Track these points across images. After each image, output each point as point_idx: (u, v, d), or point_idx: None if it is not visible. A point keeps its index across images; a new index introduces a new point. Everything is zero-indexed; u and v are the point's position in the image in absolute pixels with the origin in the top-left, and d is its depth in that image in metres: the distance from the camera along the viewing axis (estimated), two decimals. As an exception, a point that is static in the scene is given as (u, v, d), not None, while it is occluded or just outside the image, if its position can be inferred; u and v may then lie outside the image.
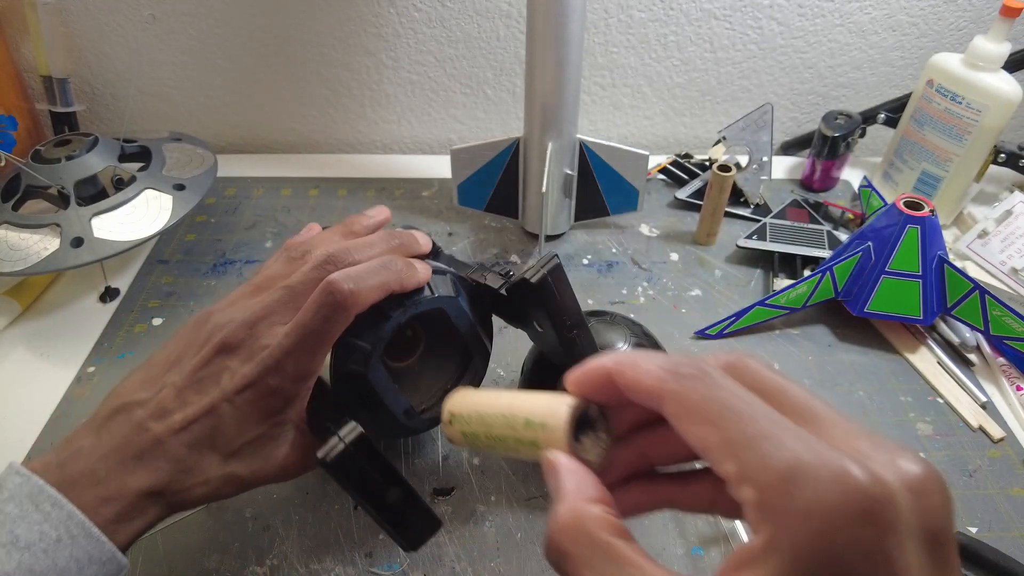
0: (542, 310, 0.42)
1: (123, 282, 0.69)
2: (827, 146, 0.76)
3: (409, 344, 0.49)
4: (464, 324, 0.46)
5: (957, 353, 0.61)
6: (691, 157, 0.85)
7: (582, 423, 0.27)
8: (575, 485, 0.24)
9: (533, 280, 0.41)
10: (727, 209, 0.76)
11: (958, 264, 0.68)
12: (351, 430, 0.36)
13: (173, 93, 0.86)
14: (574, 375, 0.26)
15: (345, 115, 0.89)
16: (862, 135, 0.78)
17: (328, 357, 0.41)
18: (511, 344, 0.61)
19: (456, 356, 0.48)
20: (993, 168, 0.72)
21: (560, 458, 0.25)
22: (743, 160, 0.78)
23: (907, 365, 0.60)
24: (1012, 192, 0.72)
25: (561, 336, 0.43)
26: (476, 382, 0.49)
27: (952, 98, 0.68)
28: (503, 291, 0.44)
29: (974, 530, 0.48)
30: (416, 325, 0.48)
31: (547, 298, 0.42)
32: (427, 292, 0.43)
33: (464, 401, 0.31)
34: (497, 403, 0.29)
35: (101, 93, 0.86)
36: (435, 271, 0.44)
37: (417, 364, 0.48)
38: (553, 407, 0.26)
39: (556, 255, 0.42)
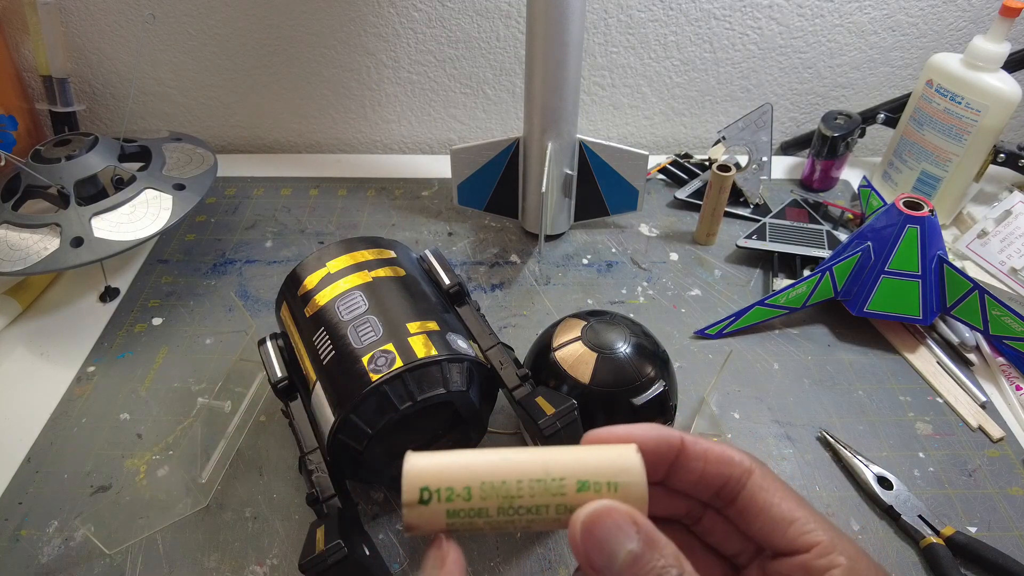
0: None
1: (123, 282, 0.69)
2: (826, 146, 0.76)
3: None
4: (469, 413, 0.45)
5: (956, 353, 0.61)
6: (691, 157, 0.85)
7: None
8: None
9: (546, 432, 0.41)
10: (727, 209, 0.76)
11: (957, 264, 0.68)
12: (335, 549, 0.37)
13: (173, 93, 0.86)
14: (638, 430, 0.24)
15: (345, 115, 0.89)
16: (861, 135, 0.78)
17: (331, 421, 0.42)
18: (511, 343, 0.61)
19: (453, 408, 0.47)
20: (992, 168, 0.72)
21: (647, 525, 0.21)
22: (743, 160, 0.78)
23: (906, 365, 0.60)
24: (1011, 192, 0.72)
25: None
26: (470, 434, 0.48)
27: (952, 98, 0.68)
28: (516, 398, 0.44)
29: (973, 529, 0.48)
30: None
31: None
32: (440, 387, 0.43)
33: (446, 469, 0.22)
34: (511, 465, 0.22)
35: (101, 93, 0.86)
36: (452, 358, 0.43)
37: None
38: (617, 462, 0.22)
39: (575, 407, 0.42)
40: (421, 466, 0.22)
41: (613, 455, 0.22)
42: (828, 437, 0.54)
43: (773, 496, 0.24)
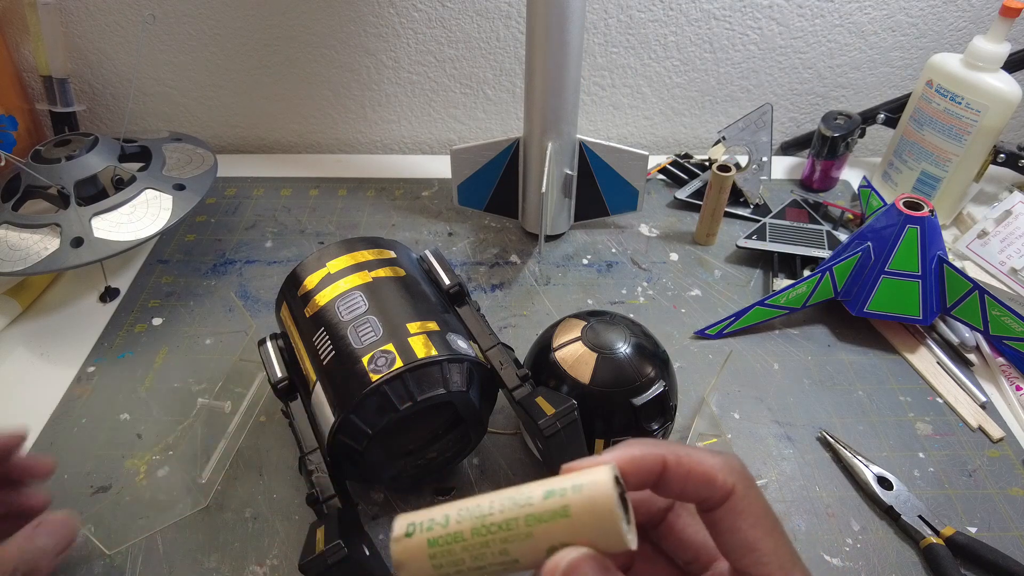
0: (546, 447, 0.43)
1: (123, 282, 0.69)
2: (826, 146, 0.76)
3: None
4: (469, 413, 0.45)
5: (956, 353, 0.61)
6: (691, 157, 0.85)
7: None
8: None
9: (546, 433, 0.41)
10: (727, 209, 0.76)
11: (957, 264, 0.68)
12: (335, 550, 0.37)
13: (173, 93, 0.86)
14: (617, 453, 0.25)
15: (345, 115, 0.89)
16: (861, 135, 0.78)
17: (331, 421, 0.42)
18: (511, 343, 0.61)
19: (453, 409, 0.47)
20: (992, 168, 0.72)
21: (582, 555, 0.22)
22: (743, 160, 0.78)
23: (906, 365, 0.60)
24: (1011, 192, 0.72)
25: (556, 468, 0.43)
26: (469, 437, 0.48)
27: (952, 98, 0.68)
28: (516, 399, 0.44)
29: (973, 530, 0.48)
30: None
31: (553, 447, 0.42)
32: (440, 387, 0.42)
33: (430, 509, 0.24)
34: (487, 495, 0.23)
35: (101, 93, 0.86)
36: (452, 358, 0.43)
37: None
38: (584, 473, 0.22)
39: (575, 407, 0.42)
40: (411, 512, 0.24)
41: (584, 470, 0.23)
42: (828, 437, 0.54)
43: (743, 521, 0.24)
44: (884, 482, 0.50)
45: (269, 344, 0.49)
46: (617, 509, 0.21)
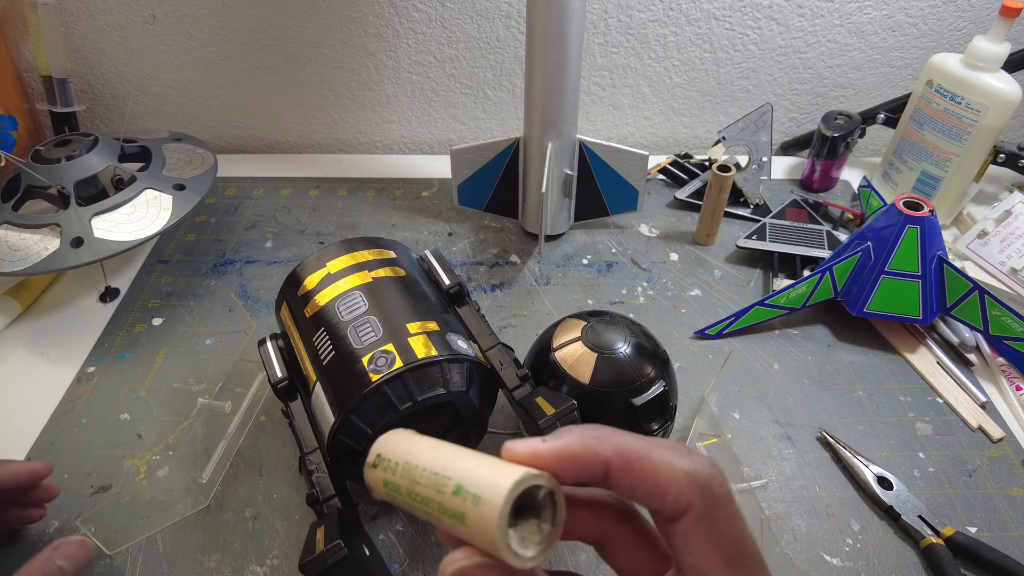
0: None
1: (123, 282, 0.69)
2: (826, 146, 0.76)
3: None
4: (469, 413, 0.45)
5: (956, 353, 0.61)
6: (691, 157, 0.85)
7: (525, 506, 0.22)
8: None
9: (545, 431, 0.41)
10: (727, 209, 0.76)
11: (957, 264, 0.68)
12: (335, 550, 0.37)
13: (173, 93, 0.86)
14: (548, 447, 0.22)
15: (345, 115, 0.89)
16: (861, 135, 0.78)
17: (331, 421, 0.42)
18: (511, 343, 0.61)
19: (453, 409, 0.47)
20: (992, 168, 0.72)
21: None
22: (743, 160, 0.78)
23: (906, 365, 0.60)
24: (1011, 192, 0.72)
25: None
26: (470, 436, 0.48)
27: (951, 98, 0.68)
28: (516, 399, 0.44)
29: (973, 530, 0.48)
30: None
31: None
32: (440, 388, 0.43)
33: (397, 444, 0.25)
34: (432, 456, 0.24)
35: (101, 93, 0.86)
36: (452, 358, 0.43)
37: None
38: (495, 479, 0.21)
39: (575, 407, 0.42)
40: (387, 437, 0.26)
41: (499, 472, 0.22)
42: (828, 437, 0.54)
43: (698, 546, 0.22)
44: (884, 482, 0.50)
45: (269, 344, 0.49)
46: (501, 538, 0.21)
